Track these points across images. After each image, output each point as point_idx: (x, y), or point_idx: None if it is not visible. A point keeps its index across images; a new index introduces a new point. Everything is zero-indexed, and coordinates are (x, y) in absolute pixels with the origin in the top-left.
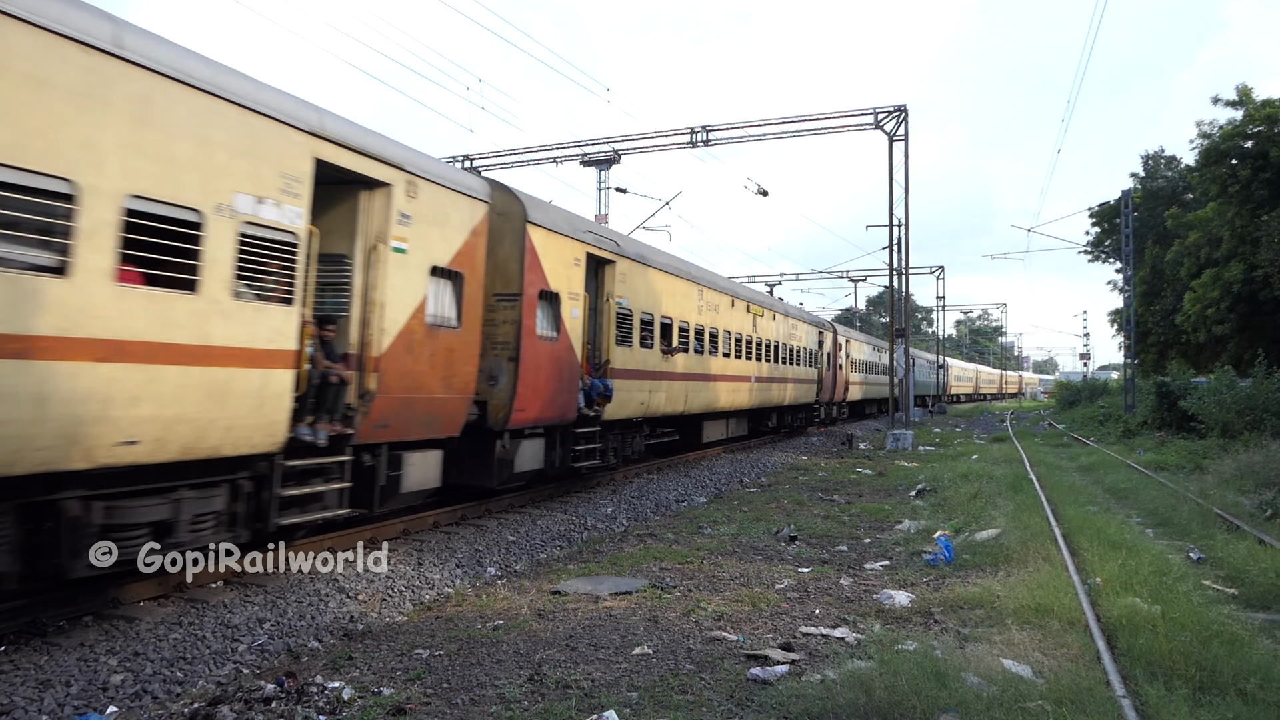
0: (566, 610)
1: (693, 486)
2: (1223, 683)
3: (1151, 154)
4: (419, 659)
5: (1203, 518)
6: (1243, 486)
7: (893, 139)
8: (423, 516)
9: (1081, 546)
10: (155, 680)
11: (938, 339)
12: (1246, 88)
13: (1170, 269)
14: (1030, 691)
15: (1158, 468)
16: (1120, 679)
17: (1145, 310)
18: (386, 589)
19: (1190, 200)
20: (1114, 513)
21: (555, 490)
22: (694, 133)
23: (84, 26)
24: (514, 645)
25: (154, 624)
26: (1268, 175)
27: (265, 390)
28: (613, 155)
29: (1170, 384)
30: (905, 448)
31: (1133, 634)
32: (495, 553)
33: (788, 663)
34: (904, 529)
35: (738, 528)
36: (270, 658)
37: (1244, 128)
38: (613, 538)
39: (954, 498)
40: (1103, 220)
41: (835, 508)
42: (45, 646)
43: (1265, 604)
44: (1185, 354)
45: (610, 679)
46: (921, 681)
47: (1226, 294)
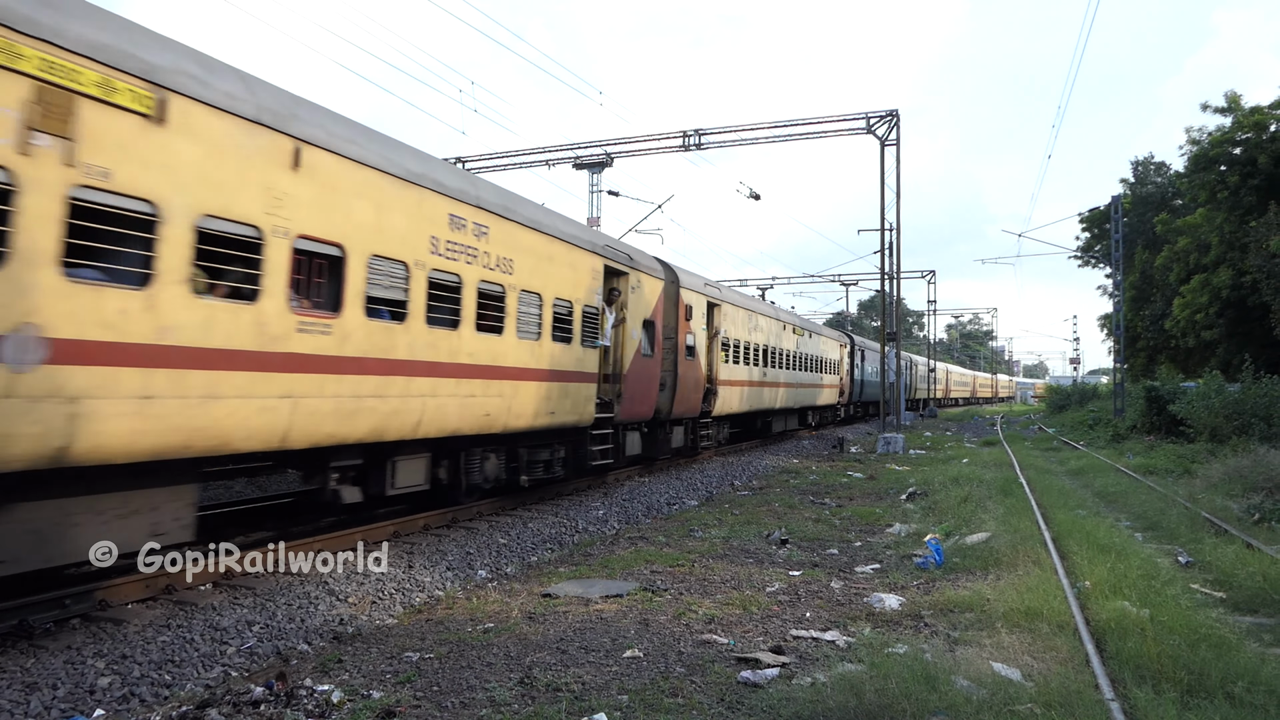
0: (557, 613)
1: (684, 489)
2: (1211, 686)
3: (1141, 160)
4: (409, 662)
5: (1191, 522)
6: (1231, 491)
7: (884, 143)
8: (413, 519)
9: (1071, 550)
10: (143, 683)
11: (929, 343)
12: (1236, 95)
13: (1160, 274)
14: (1020, 694)
15: (1147, 472)
16: (1109, 682)
17: (1135, 315)
18: (377, 591)
19: (1179, 206)
20: (1103, 516)
21: (545, 493)
22: (686, 136)
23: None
24: (504, 648)
25: (142, 626)
26: (1256, 182)
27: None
28: (605, 158)
29: (1159, 388)
30: (896, 451)
31: (1121, 637)
32: (486, 555)
33: (778, 666)
34: (895, 532)
35: (729, 530)
36: (259, 660)
37: (1233, 134)
38: (604, 540)
39: (944, 501)
40: (1093, 225)
41: (826, 511)
42: (32, 649)
43: (1253, 607)
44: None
45: (601, 682)
46: (911, 684)
47: (1215, 299)
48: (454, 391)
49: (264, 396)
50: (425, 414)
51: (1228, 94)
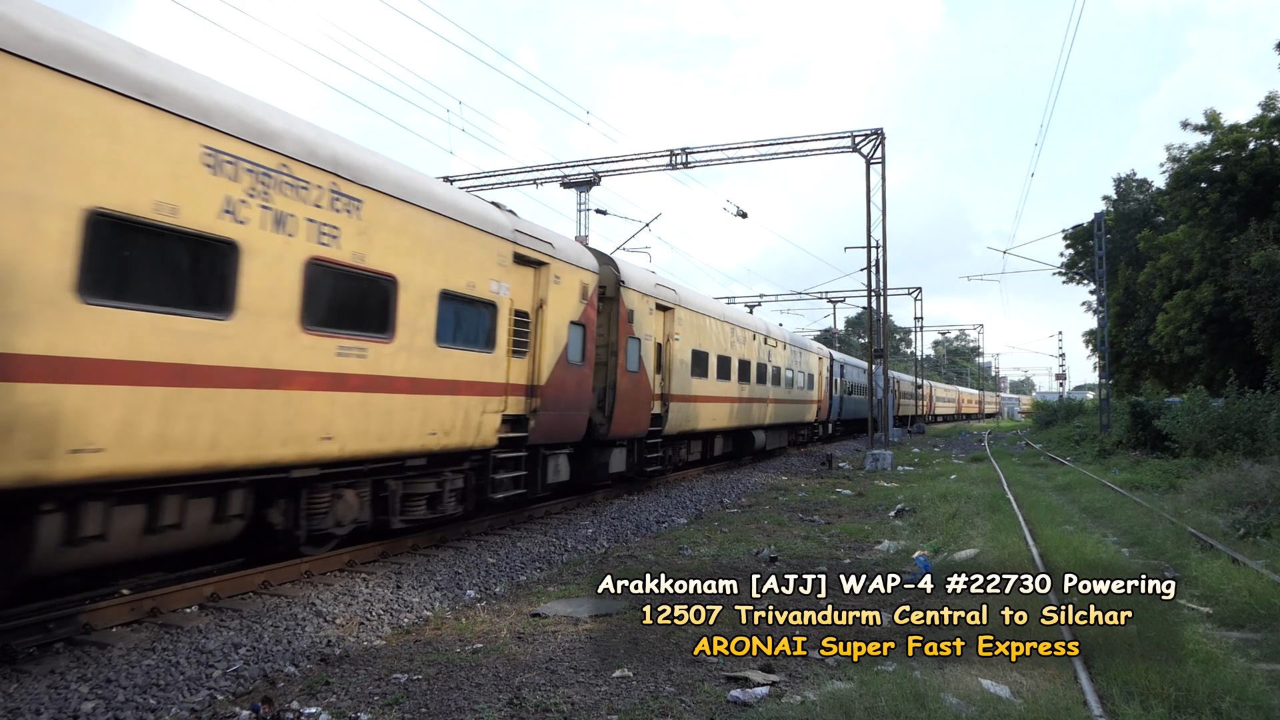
0: (546, 633)
1: (673, 507)
2: (1198, 701)
3: (1123, 177)
4: (397, 683)
5: (1177, 537)
6: (1216, 505)
7: (870, 162)
8: (401, 540)
9: (1058, 566)
10: (128, 708)
11: (915, 359)
12: (1215, 113)
13: (1143, 290)
14: (1008, 711)
15: (1133, 487)
16: (1097, 698)
17: (1119, 331)
18: (364, 612)
19: (1161, 223)
20: (1090, 532)
21: (534, 511)
22: (674, 154)
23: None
24: (493, 669)
25: (127, 650)
26: (1237, 199)
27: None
28: (593, 177)
29: (1144, 404)
30: (884, 468)
31: (1109, 653)
32: (474, 575)
33: (768, 684)
34: (883, 549)
35: (718, 549)
36: (246, 684)
37: (1213, 152)
38: (593, 559)
39: (933, 518)
40: (1076, 242)
41: (815, 528)
42: (15, 673)
43: (1239, 622)
44: (1159, 374)
45: (590, 702)
46: (900, 702)
47: (1198, 315)
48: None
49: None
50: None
51: (1207, 112)
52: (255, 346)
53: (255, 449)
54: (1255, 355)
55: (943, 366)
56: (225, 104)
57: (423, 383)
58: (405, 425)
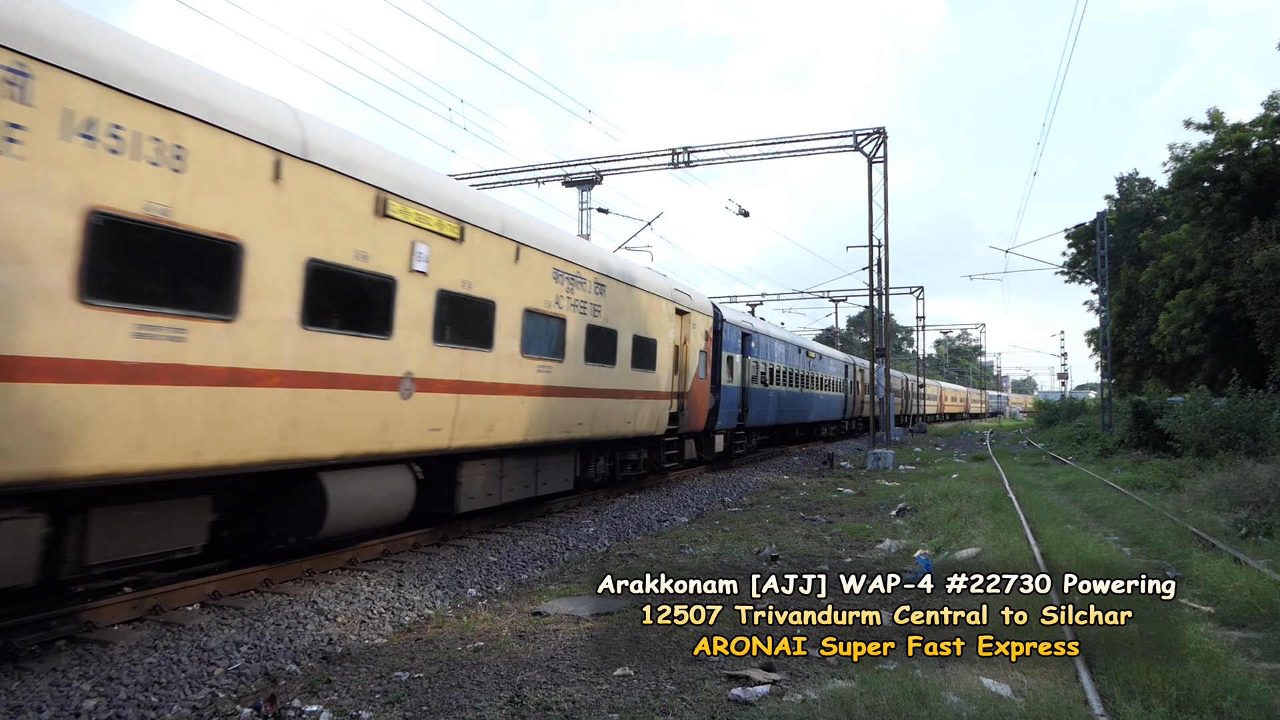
0: (548, 631)
1: (675, 506)
2: (1199, 701)
3: (1126, 176)
4: (398, 681)
5: (1179, 536)
6: (1218, 505)
7: (872, 161)
8: (404, 537)
9: (1060, 566)
10: (129, 705)
11: (918, 359)
12: (1218, 112)
13: (1145, 290)
14: (1010, 710)
15: (1135, 486)
16: (1098, 698)
17: (1121, 330)
18: (366, 611)
19: (1164, 222)
20: (1092, 531)
21: (535, 510)
22: (676, 153)
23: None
24: (494, 667)
25: (128, 648)
26: (1239, 198)
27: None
28: (595, 176)
29: (1146, 403)
30: (886, 467)
31: (1110, 653)
32: (476, 573)
33: (769, 683)
34: (885, 548)
35: (719, 547)
36: (247, 681)
37: (1215, 151)
38: (594, 558)
39: (934, 517)
40: (1078, 241)
41: (817, 527)
42: (17, 671)
43: (1241, 622)
44: (1161, 373)
45: (591, 700)
46: (902, 701)
47: (1200, 315)
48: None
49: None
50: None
51: (1210, 111)
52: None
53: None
54: (1257, 355)
55: (945, 366)
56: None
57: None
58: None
